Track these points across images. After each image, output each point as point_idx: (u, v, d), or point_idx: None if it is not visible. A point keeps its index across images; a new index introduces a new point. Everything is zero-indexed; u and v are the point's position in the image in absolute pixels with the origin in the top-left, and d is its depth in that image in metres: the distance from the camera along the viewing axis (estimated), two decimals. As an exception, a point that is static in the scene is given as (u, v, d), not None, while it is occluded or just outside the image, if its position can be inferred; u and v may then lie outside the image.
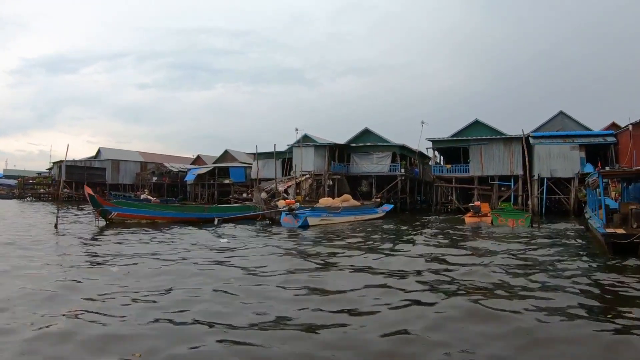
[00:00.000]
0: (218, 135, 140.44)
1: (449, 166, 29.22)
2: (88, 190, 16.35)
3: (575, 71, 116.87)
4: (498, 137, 29.20)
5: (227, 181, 47.25)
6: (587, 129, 31.94)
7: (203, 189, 48.29)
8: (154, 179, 49.82)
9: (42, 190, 48.87)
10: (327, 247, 11.28)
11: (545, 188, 27.14)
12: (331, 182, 29.41)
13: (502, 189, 28.90)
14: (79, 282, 6.62)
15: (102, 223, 16.00)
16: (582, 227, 16.75)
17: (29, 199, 48.31)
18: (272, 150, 29.69)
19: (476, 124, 34.17)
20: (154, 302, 5.52)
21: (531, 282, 6.84)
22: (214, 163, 54.32)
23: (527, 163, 20.38)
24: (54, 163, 50.20)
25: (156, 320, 4.73)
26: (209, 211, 18.95)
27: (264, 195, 27.81)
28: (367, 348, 4.06)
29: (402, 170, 30.25)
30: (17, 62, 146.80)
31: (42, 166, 64.09)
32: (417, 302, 5.61)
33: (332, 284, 6.60)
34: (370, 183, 31.43)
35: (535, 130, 31.67)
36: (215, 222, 16.10)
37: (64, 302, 5.44)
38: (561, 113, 32.37)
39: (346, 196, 23.26)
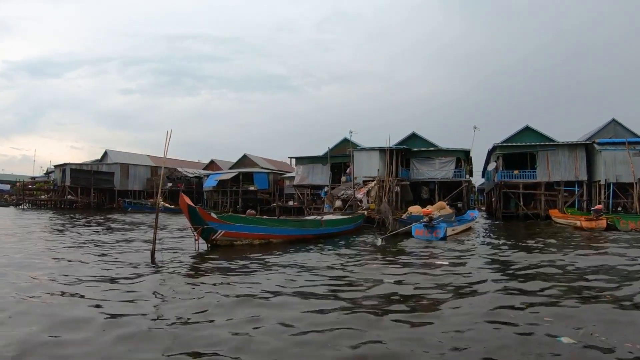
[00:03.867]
0: (204, 142, 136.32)
1: (517, 172, 28.74)
2: (186, 200, 11.25)
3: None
4: (563, 143, 29.21)
5: (251, 188, 44.81)
6: (637, 136, 32.55)
7: (224, 196, 45.55)
8: (169, 184, 46.50)
9: (43, 196, 44.30)
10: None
11: (611, 192, 27.40)
12: (398, 189, 28.04)
13: (566, 194, 28.99)
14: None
15: (204, 247, 11.41)
16: None
17: (27, 206, 43.64)
18: (315, 154, 27.82)
19: (526, 130, 34.09)
20: None
21: None
22: (230, 168, 51.56)
23: (632, 169, 20.25)
24: (55, 166, 45.58)
25: None
26: (326, 225, 16.50)
27: (338, 203, 25.98)
28: None
29: (467, 176, 29.43)
30: (0, 65, 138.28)
31: (26, 171, 58.66)
32: None
33: None
34: (431, 189, 30.36)
35: (589, 138, 31.93)
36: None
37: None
38: (613, 121, 32.79)
39: (441, 203, 22.00)
